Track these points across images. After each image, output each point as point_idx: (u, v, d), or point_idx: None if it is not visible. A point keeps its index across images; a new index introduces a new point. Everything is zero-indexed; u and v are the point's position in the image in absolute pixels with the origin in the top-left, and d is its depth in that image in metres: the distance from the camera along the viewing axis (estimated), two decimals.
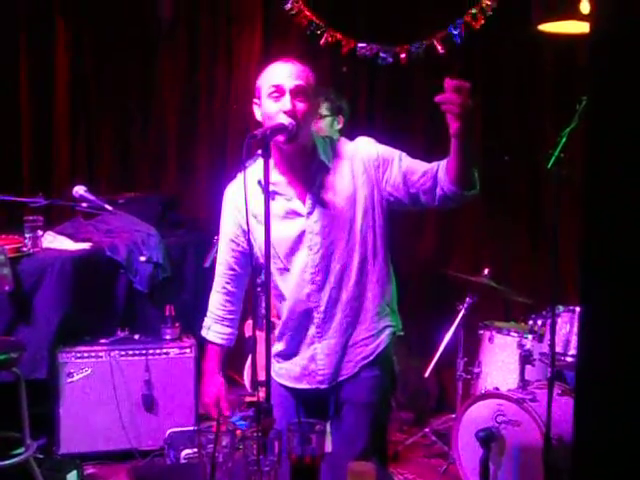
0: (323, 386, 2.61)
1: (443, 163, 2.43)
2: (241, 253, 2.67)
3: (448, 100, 2.22)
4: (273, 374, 2.62)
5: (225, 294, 2.75)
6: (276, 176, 2.53)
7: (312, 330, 2.59)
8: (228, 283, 2.73)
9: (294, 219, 2.53)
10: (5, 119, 5.62)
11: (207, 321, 2.81)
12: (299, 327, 2.61)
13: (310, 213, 2.52)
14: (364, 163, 2.52)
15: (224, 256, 2.72)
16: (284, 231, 2.52)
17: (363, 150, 2.55)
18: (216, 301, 2.78)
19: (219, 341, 2.78)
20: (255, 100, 2.52)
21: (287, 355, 2.67)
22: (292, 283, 2.57)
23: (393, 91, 5.38)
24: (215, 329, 2.78)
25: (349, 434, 2.59)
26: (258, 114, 2.54)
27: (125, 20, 5.73)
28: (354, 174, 2.52)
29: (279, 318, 2.71)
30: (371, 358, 2.59)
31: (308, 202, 2.52)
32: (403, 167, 2.50)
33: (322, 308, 2.56)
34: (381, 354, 2.61)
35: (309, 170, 2.53)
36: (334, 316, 2.56)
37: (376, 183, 2.52)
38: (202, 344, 4.42)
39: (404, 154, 2.54)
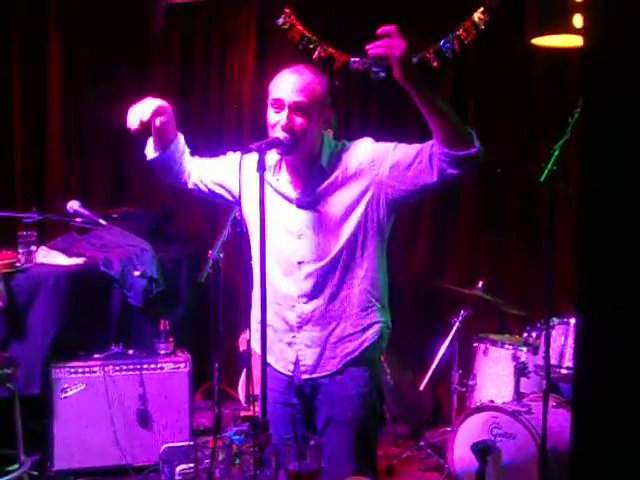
0: (305, 376, 2.61)
1: None
2: (216, 185, 2.81)
3: (390, 44, 2.27)
4: (254, 345, 2.58)
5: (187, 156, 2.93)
6: (283, 170, 2.62)
7: (292, 317, 2.60)
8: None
9: (285, 208, 2.59)
10: None
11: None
12: (280, 310, 2.62)
13: (301, 205, 2.57)
14: (359, 163, 2.54)
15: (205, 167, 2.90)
16: (275, 217, 2.56)
17: (359, 151, 2.57)
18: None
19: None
20: (268, 101, 2.53)
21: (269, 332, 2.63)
22: (278, 266, 2.59)
23: (386, 105, 5.40)
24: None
25: (337, 452, 2.56)
26: None
27: (119, 35, 5.75)
28: (348, 175, 2.54)
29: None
30: (356, 354, 2.59)
31: (302, 197, 2.57)
32: (397, 155, 2.50)
33: (304, 299, 2.58)
34: (367, 355, 2.61)
35: (310, 173, 2.57)
36: (316, 307, 2.58)
37: (373, 181, 2.52)
38: (197, 357, 4.45)
39: (400, 144, 2.54)
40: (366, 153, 2.55)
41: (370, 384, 2.63)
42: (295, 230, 2.57)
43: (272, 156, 2.57)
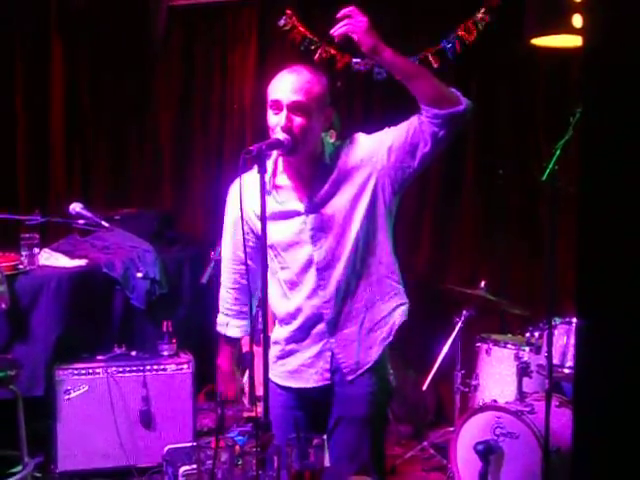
0: (350, 377, 2.59)
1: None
2: (251, 247, 2.63)
3: (351, 22, 2.35)
4: (276, 378, 2.64)
5: (239, 289, 2.75)
6: (282, 179, 2.59)
7: (321, 326, 2.59)
8: (243, 278, 2.72)
9: (294, 218, 2.56)
10: (1, 136, 5.64)
11: (223, 318, 2.81)
12: (306, 325, 2.61)
13: (309, 212, 2.54)
14: (359, 157, 2.55)
15: (233, 250, 2.72)
16: (285, 230, 2.55)
17: (356, 146, 2.58)
18: (229, 297, 2.79)
19: (240, 334, 2.81)
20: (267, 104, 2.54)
21: (291, 354, 2.66)
22: (298, 281, 2.59)
23: (388, 106, 5.40)
24: (234, 323, 2.79)
25: (349, 450, 2.59)
26: None
27: (120, 39, 5.76)
28: (350, 170, 2.54)
29: (274, 323, 2.73)
30: (390, 338, 2.61)
31: (308, 202, 2.55)
32: (390, 139, 2.51)
33: (331, 302, 2.57)
34: (382, 360, 2.62)
35: (314, 173, 2.56)
36: (344, 307, 2.57)
37: (374, 169, 2.52)
38: (200, 359, 4.45)
39: (390, 128, 2.55)
40: (363, 147, 2.56)
41: (381, 382, 2.64)
42: (308, 239, 2.55)
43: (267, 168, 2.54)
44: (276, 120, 2.45)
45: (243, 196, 2.23)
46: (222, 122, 5.88)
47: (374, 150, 2.53)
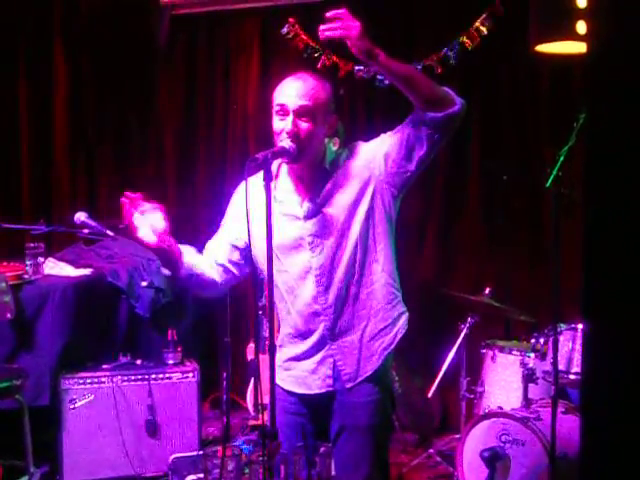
0: (349, 384, 2.58)
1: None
2: (238, 249, 2.63)
3: (346, 26, 2.27)
4: (281, 382, 2.63)
5: (204, 259, 2.66)
6: (285, 182, 2.60)
7: (321, 332, 2.58)
8: (215, 261, 2.66)
9: (293, 222, 2.56)
10: (5, 146, 5.66)
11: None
12: (307, 330, 2.60)
13: (308, 217, 2.55)
14: (357, 164, 2.56)
15: (220, 249, 2.67)
16: (283, 233, 2.54)
17: (355, 153, 2.59)
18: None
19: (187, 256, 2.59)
20: (272, 109, 2.54)
21: (296, 360, 2.64)
22: (295, 285, 2.58)
23: (391, 113, 5.40)
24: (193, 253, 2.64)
25: (352, 459, 2.57)
26: None
27: (124, 47, 5.77)
28: (349, 176, 2.55)
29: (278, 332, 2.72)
30: (392, 346, 2.59)
31: (308, 207, 2.55)
32: (386, 146, 2.52)
33: (331, 309, 2.56)
34: (385, 365, 2.60)
35: (314, 178, 2.57)
36: (344, 314, 2.56)
37: (372, 175, 2.53)
38: (205, 367, 4.45)
39: (384, 135, 2.57)
40: (361, 154, 2.57)
41: (383, 391, 2.63)
42: (307, 245, 2.55)
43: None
44: (282, 125, 2.45)
45: (248, 198, 2.23)
46: (225, 129, 5.88)
47: (371, 157, 2.54)
